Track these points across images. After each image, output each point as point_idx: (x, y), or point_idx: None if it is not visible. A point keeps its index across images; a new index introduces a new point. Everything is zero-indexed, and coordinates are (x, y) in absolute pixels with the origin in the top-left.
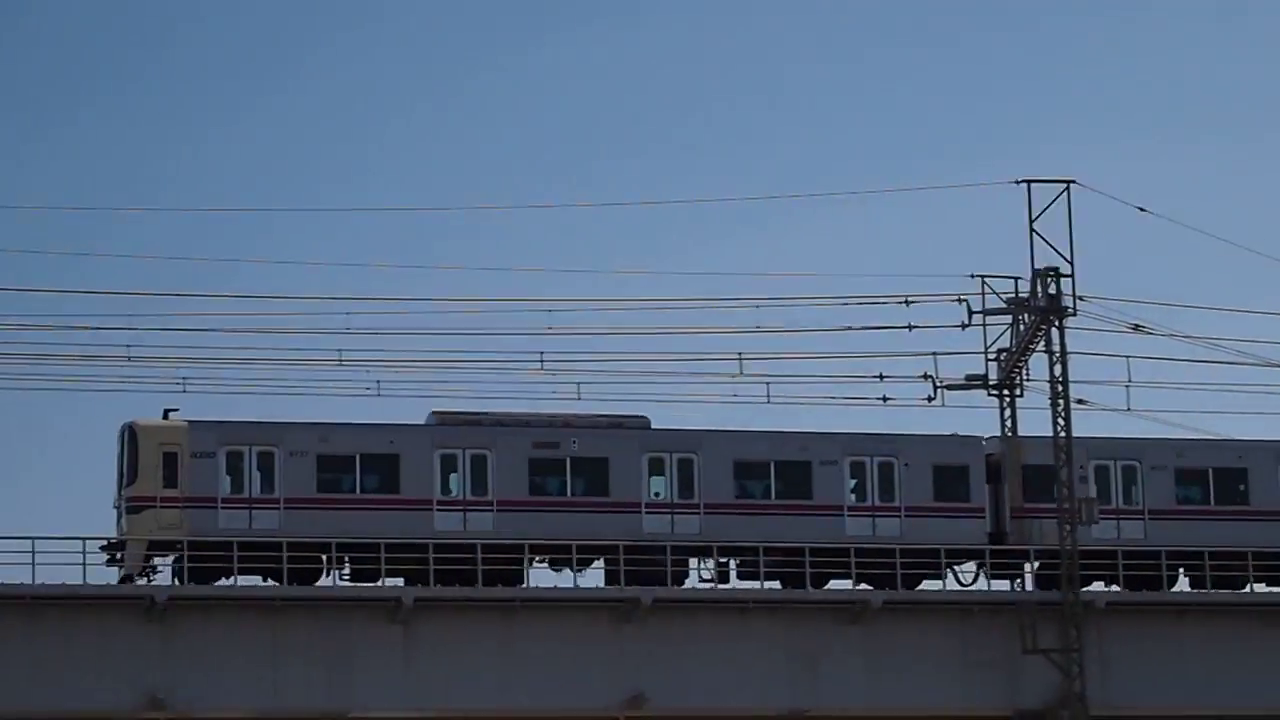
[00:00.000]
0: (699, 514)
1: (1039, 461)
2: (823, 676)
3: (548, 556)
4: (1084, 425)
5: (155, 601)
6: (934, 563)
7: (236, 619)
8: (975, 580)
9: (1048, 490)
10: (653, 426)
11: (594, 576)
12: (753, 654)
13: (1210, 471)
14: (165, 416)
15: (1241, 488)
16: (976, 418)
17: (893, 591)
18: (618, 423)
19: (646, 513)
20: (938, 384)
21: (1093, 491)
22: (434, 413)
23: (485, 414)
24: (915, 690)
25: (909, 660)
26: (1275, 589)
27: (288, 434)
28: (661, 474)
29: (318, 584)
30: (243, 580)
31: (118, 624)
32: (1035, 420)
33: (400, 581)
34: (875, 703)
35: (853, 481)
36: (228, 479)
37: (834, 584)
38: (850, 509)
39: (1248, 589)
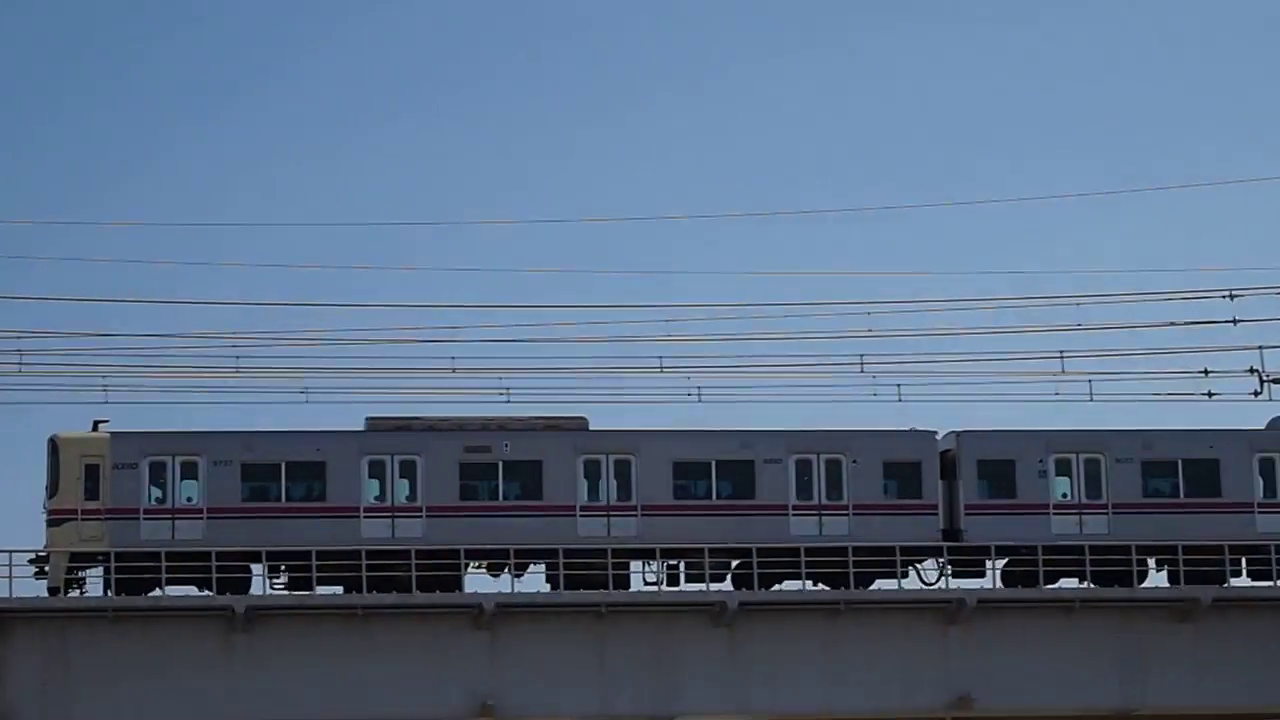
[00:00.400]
0: (636, 516)
1: (993, 457)
2: (1151, 675)
3: (484, 561)
4: None
5: (484, 610)
6: (890, 561)
7: (563, 625)
8: (937, 580)
9: (1003, 487)
10: (591, 428)
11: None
12: (1078, 653)
13: (1180, 463)
14: (94, 428)
15: (1213, 480)
16: None
17: (1225, 588)
18: (553, 424)
19: (581, 516)
20: (1264, 378)
21: (1053, 486)
22: (367, 419)
23: (418, 419)
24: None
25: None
26: (1260, 583)
27: (211, 443)
28: (598, 476)
29: (636, 589)
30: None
31: (448, 632)
32: None
33: (339, 590)
34: (1204, 701)
35: (798, 480)
36: (151, 490)
37: (1156, 583)
38: (795, 508)
39: (1227, 584)
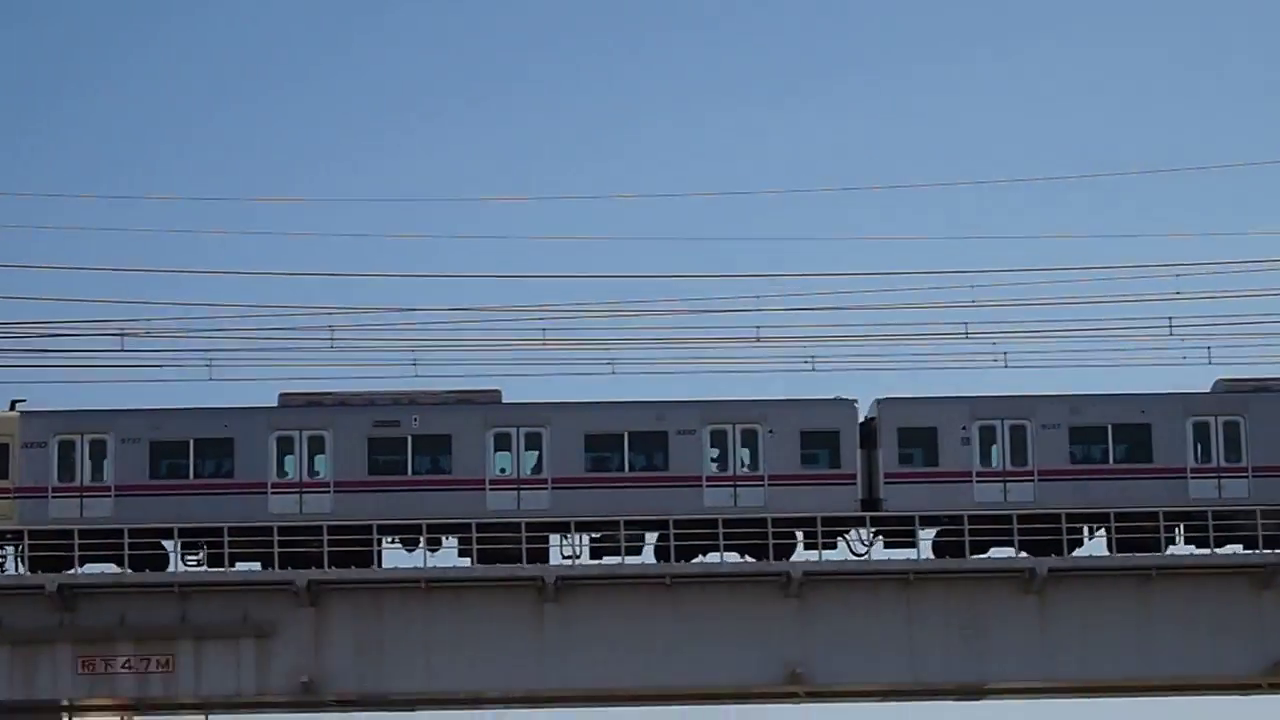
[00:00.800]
0: (548, 489)
1: (915, 424)
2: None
3: (397, 536)
4: None
5: (791, 578)
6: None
7: (872, 593)
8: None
9: (923, 455)
10: (504, 400)
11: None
12: None
13: (1110, 429)
14: (12, 407)
15: (1144, 445)
16: None
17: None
18: (465, 398)
19: (491, 490)
20: None
21: (976, 454)
22: (280, 394)
23: (328, 394)
24: None
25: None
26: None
27: (119, 421)
28: (508, 449)
29: (948, 558)
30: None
31: (756, 600)
32: None
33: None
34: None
35: (714, 451)
36: (59, 468)
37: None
38: (710, 479)
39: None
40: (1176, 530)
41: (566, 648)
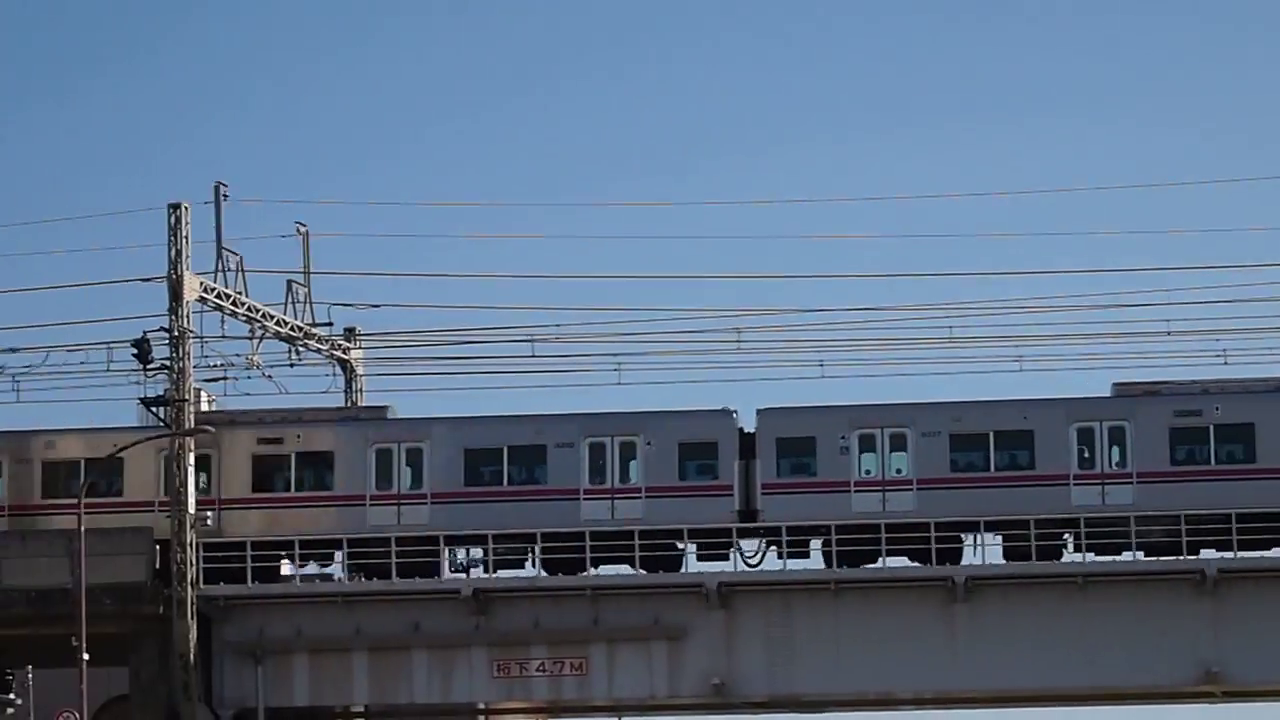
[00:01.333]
0: (427, 504)
1: (793, 434)
2: None
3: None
4: None
5: (1206, 576)
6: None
7: None
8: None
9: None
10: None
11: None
12: None
13: (991, 435)
14: None
15: (1026, 451)
16: None
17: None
18: (349, 415)
19: (371, 505)
20: None
21: (855, 464)
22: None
23: (219, 413)
24: None
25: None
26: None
27: None
28: (389, 465)
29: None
30: None
31: (1169, 599)
32: None
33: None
34: None
35: (591, 463)
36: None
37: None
38: (586, 492)
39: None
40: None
41: (977, 648)
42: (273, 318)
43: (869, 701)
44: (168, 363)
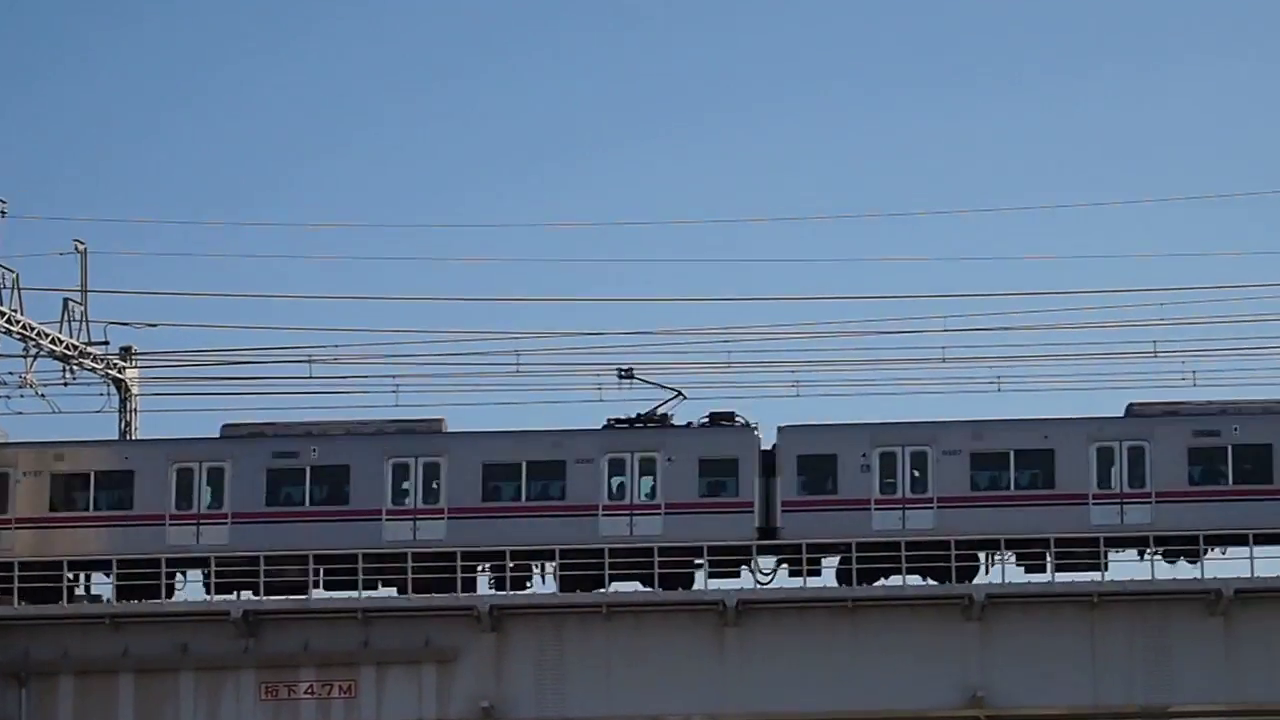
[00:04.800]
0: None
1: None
2: None
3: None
4: None
5: (974, 600)
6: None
7: (1054, 615)
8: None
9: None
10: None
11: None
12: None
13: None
14: None
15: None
16: None
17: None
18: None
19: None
20: None
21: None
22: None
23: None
24: None
25: None
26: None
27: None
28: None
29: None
30: None
31: (937, 623)
32: None
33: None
34: None
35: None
36: None
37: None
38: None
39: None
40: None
41: (747, 670)
42: (47, 336)
43: None
44: None
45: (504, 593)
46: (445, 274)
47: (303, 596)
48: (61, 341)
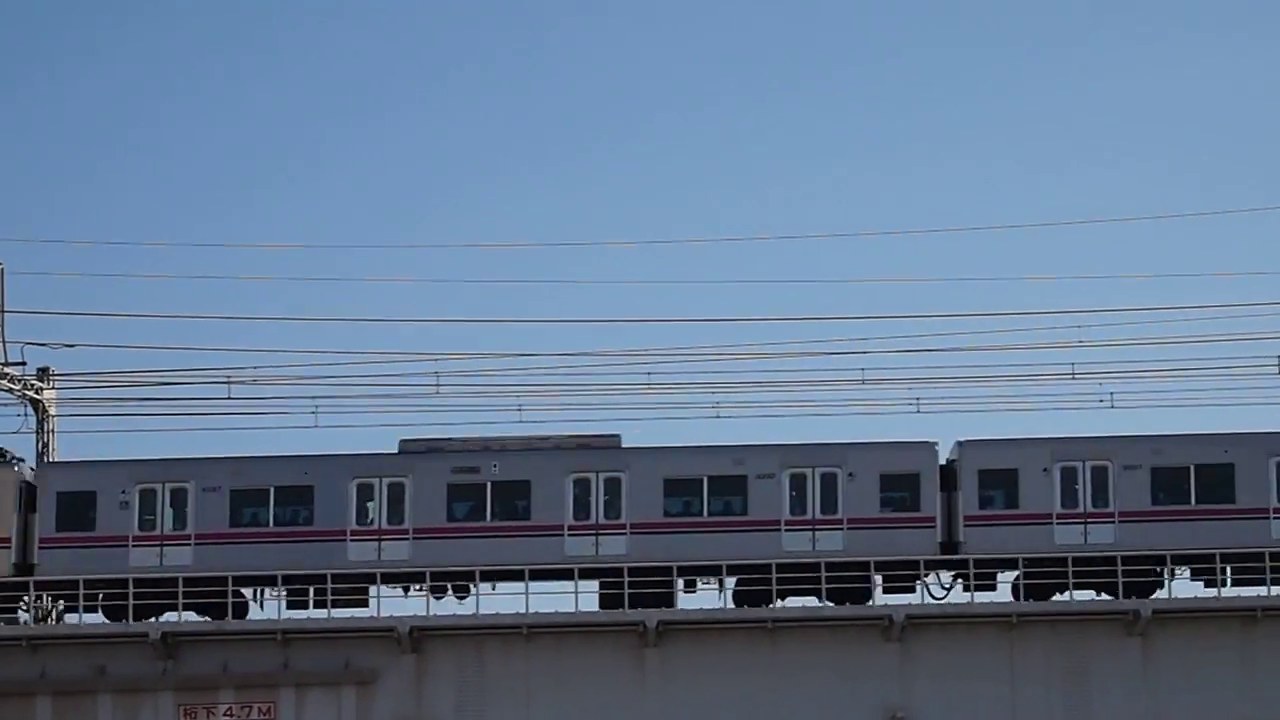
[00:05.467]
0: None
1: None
2: None
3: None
4: None
5: (893, 621)
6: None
7: (973, 636)
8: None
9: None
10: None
11: None
12: None
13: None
14: None
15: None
16: None
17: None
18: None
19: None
20: None
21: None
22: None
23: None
24: None
25: None
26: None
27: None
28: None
29: (1053, 599)
30: None
31: (857, 644)
32: None
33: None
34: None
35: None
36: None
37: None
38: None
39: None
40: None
41: (667, 692)
42: None
43: None
44: None
45: (423, 614)
46: (366, 295)
47: (221, 618)
48: None
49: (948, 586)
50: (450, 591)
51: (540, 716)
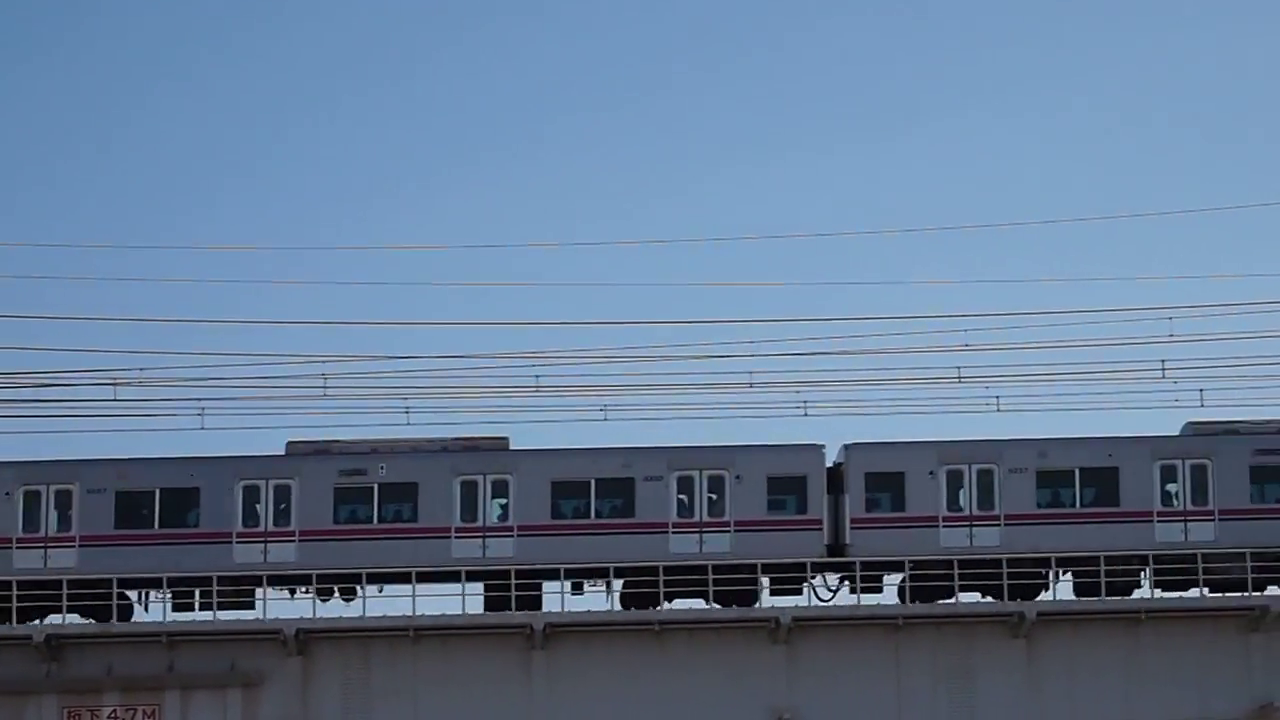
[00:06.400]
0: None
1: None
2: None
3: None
4: None
5: (780, 623)
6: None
7: (860, 637)
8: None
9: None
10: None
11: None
12: None
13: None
14: None
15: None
16: None
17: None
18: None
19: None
20: None
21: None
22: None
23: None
24: None
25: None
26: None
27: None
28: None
29: (939, 601)
30: None
31: (744, 646)
32: None
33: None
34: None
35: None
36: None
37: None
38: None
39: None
40: (1143, 573)
41: (554, 695)
42: None
43: None
44: None
45: (310, 616)
46: (257, 296)
47: (105, 621)
48: None
49: (834, 589)
50: (336, 594)
51: (427, 719)
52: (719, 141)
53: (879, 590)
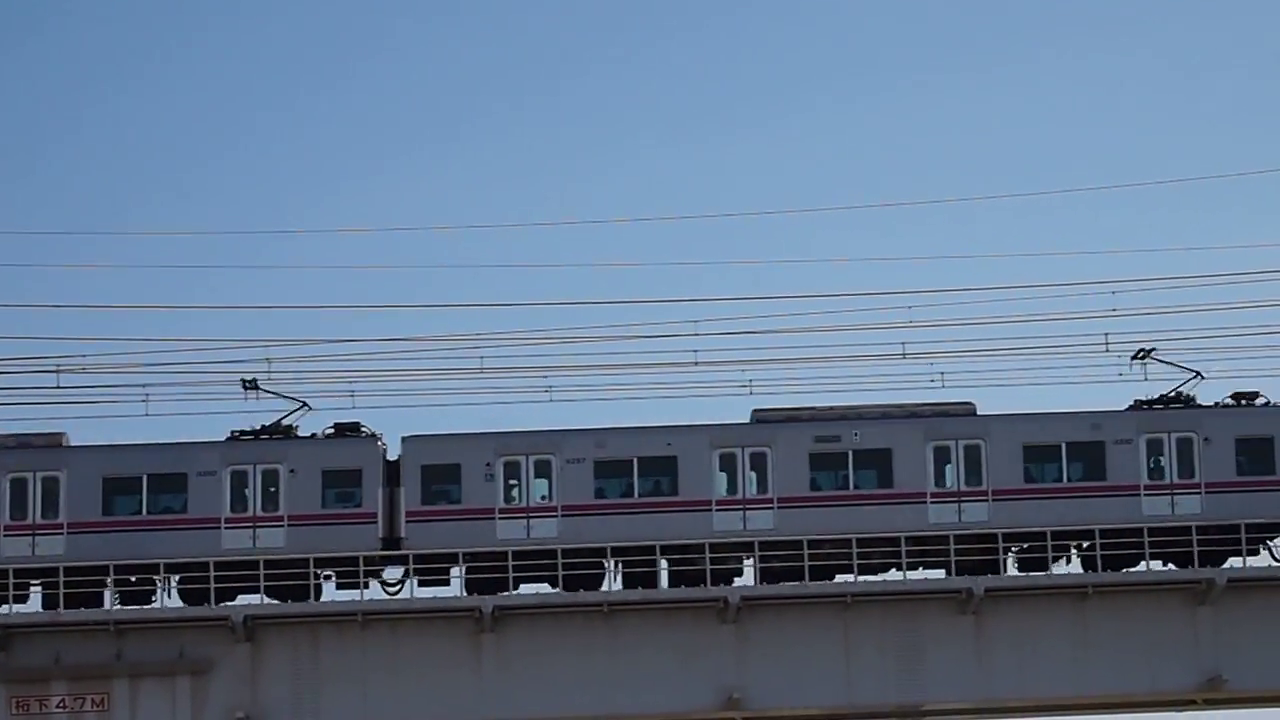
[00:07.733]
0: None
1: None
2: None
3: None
4: None
5: (729, 603)
6: None
7: (808, 616)
8: None
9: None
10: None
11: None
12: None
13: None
14: None
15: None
16: None
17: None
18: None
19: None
20: None
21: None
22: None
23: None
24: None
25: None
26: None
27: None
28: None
29: (881, 579)
30: None
31: (694, 626)
32: None
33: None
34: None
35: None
36: None
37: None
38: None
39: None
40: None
41: (504, 678)
42: None
43: None
44: None
45: (259, 603)
46: (200, 283)
47: (53, 609)
48: None
49: (393, 583)
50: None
51: (376, 704)
52: (661, 121)
53: (446, 584)
